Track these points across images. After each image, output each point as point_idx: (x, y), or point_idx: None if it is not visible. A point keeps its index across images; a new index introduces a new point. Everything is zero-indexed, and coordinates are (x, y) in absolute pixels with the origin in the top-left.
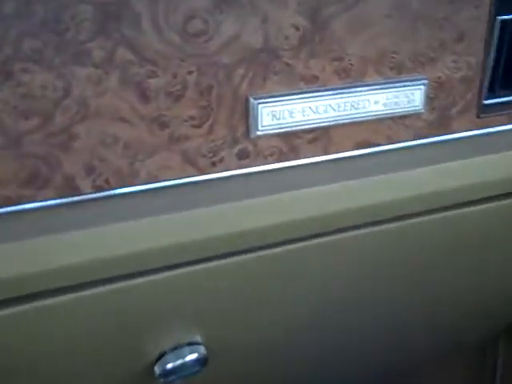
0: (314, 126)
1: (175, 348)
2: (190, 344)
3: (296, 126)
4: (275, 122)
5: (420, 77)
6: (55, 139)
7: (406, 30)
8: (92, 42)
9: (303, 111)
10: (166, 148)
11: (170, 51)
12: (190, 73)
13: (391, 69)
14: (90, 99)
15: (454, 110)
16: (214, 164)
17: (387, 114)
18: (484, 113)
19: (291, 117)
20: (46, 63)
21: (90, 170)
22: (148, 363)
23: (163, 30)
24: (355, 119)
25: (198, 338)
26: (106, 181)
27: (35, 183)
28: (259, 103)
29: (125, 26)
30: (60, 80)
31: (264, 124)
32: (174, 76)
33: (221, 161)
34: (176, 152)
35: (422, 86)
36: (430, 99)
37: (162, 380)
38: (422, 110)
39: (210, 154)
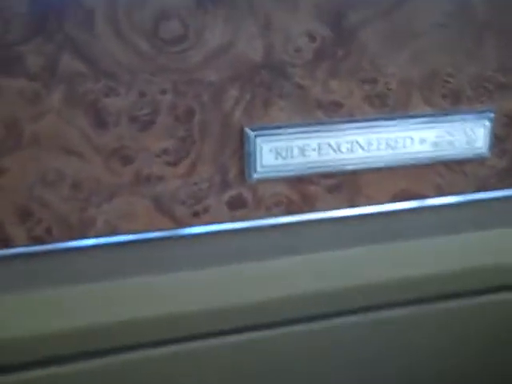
0: (336, 169)
1: None
2: None
3: (310, 168)
4: (280, 161)
5: (485, 108)
6: None
7: (467, 44)
8: (25, 44)
9: (320, 149)
10: (129, 191)
11: (135, 62)
12: (162, 92)
13: (444, 97)
14: (23, 122)
15: None
16: (196, 214)
17: (437, 156)
18: None
19: (303, 155)
20: None
21: (25, 216)
22: None
23: (125, 33)
24: (393, 162)
25: None
26: (48, 230)
27: None
28: (258, 136)
29: (71, 25)
30: None
31: (265, 164)
32: (142, 95)
33: (206, 210)
34: (144, 196)
35: (486, 122)
36: (498, 139)
37: None
38: (487, 154)
39: (191, 201)
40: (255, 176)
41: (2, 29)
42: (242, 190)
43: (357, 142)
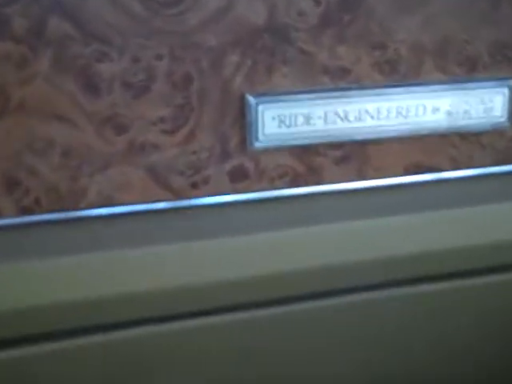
0: (343, 139)
1: None
2: None
3: (316, 137)
4: (284, 130)
5: (503, 76)
6: None
7: (483, 8)
8: (9, 5)
9: (326, 117)
10: (124, 160)
11: (128, 25)
12: (158, 57)
13: (460, 64)
14: (9, 87)
15: None
16: (194, 185)
17: (452, 126)
18: None
19: (308, 124)
20: None
21: (12, 186)
22: None
23: None
24: (404, 132)
25: None
26: (37, 201)
27: None
28: (260, 103)
29: None
30: None
31: (268, 132)
32: (136, 61)
33: (205, 181)
34: (139, 166)
35: (505, 90)
36: None
37: None
38: (506, 125)
39: (190, 172)
40: (257, 145)
41: None
42: (243, 160)
43: (365, 111)
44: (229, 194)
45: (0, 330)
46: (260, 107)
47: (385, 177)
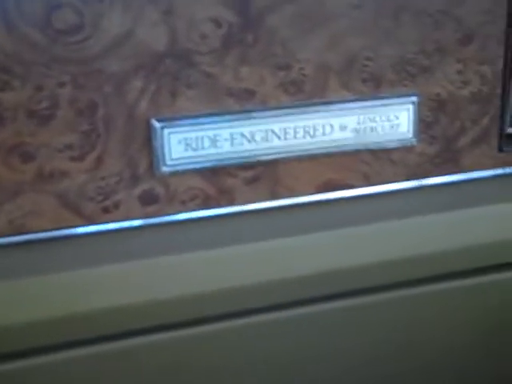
0: (251, 160)
1: None
2: None
3: (224, 159)
4: (190, 153)
5: (408, 93)
6: None
7: (386, 26)
8: None
9: (232, 139)
10: (33, 188)
11: (28, 54)
12: (61, 85)
13: (364, 81)
14: None
15: (462, 141)
16: (106, 210)
17: (360, 144)
18: (508, 145)
19: (215, 146)
20: None
21: None
22: None
23: (15, 22)
24: (313, 151)
25: None
26: None
27: None
28: (166, 127)
29: None
30: None
31: (175, 156)
32: (39, 89)
33: (116, 206)
34: (49, 193)
35: (410, 106)
36: (426, 125)
37: None
38: (414, 140)
39: (100, 197)
40: (165, 169)
41: None
42: (153, 185)
43: (272, 131)
44: (139, 218)
45: None
46: (165, 131)
47: (297, 195)
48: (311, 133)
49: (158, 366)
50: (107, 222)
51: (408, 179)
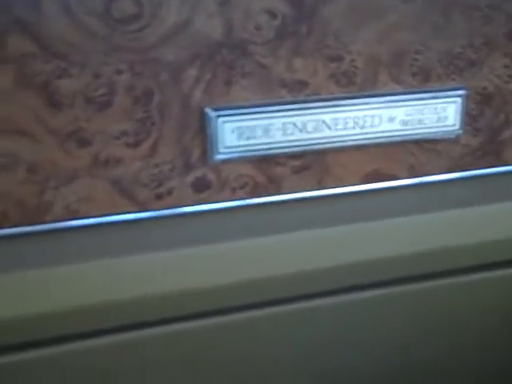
0: (302, 149)
1: None
2: None
3: (275, 148)
4: (243, 142)
5: (456, 86)
6: None
7: (435, 21)
8: None
9: (285, 128)
10: (88, 173)
11: (88, 42)
12: (118, 72)
13: (414, 74)
14: None
15: (506, 134)
16: (159, 197)
17: (407, 135)
18: None
19: (267, 136)
20: None
21: None
22: None
23: (75, 11)
24: (361, 141)
25: None
26: (4, 215)
27: None
28: (219, 116)
29: (18, 5)
30: None
31: (228, 145)
32: (96, 76)
33: (169, 192)
34: (104, 179)
35: (457, 99)
36: (471, 117)
37: None
38: (460, 132)
39: (154, 184)
40: (218, 157)
41: None
42: (205, 172)
43: (323, 121)
44: (192, 204)
45: None
46: (220, 120)
47: (344, 185)
48: (360, 123)
49: (179, 355)
50: (160, 209)
51: (451, 171)
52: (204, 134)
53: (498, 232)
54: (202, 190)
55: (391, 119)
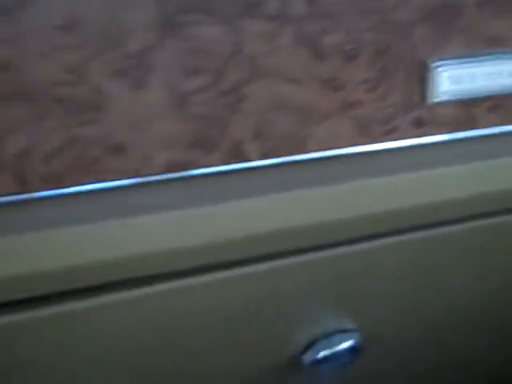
0: (496, 92)
1: (327, 335)
2: (343, 331)
3: (477, 92)
4: (454, 87)
5: None
6: (224, 99)
7: None
8: None
9: (487, 75)
10: (338, 113)
11: (345, 5)
12: (367, 30)
13: None
14: (261, 57)
15: None
16: (388, 132)
17: None
18: None
19: (472, 82)
20: (216, 15)
21: (257, 135)
22: (294, 352)
23: None
24: None
25: (351, 325)
26: (275, 147)
27: (202, 147)
28: (438, 66)
29: None
30: (231, 34)
31: (442, 90)
32: (349, 33)
33: (395, 129)
34: (348, 118)
35: None
36: None
37: (310, 369)
38: None
39: (384, 121)
40: (433, 100)
41: None
42: (422, 112)
43: None
44: (412, 138)
45: None
46: (437, 70)
47: None
48: None
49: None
50: (389, 141)
51: None
52: (424, 81)
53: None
54: (419, 126)
55: None
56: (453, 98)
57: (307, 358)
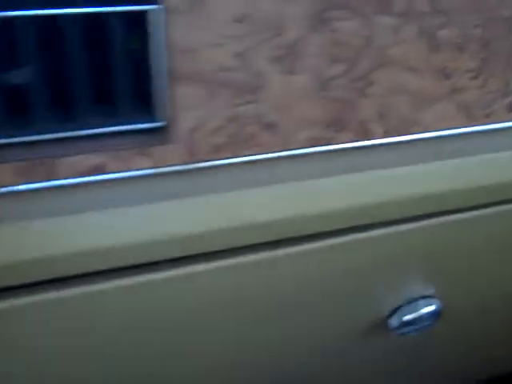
0: None
1: (410, 301)
2: (425, 297)
3: None
4: None
5: None
6: (356, 84)
7: None
8: None
9: None
10: (445, 98)
11: (460, 2)
12: (475, 26)
13: None
14: (388, 48)
15: None
16: (487, 115)
17: None
18: None
19: None
20: (357, 11)
21: (380, 116)
22: (381, 317)
23: None
24: None
25: (433, 292)
26: (394, 127)
27: (336, 125)
28: None
29: None
30: (365, 28)
31: None
32: (460, 28)
33: (493, 112)
34: (454, 102)
35: None
36: None
37: (397, 332)
38: None
39: (484, 106)
40: None
41: None
42: None
43: None
44: (507, 121)
45: None
46: None
47: None
48: None
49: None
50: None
51: None
52: None
53: None
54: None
55: None
56: None
57: (393, 322)
